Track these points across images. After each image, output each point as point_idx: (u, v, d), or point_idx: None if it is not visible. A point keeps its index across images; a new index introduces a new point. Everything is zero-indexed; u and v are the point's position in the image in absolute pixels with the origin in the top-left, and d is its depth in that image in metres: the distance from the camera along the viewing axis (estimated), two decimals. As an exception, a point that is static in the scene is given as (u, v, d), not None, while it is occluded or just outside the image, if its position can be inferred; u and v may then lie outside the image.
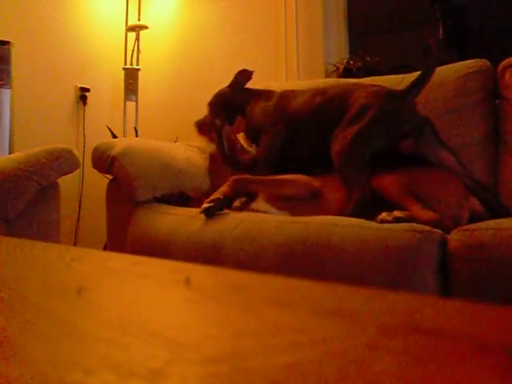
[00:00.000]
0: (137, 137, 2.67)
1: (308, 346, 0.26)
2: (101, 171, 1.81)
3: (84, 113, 2.75)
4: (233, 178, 1.45)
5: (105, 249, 2.16)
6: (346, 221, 1.23)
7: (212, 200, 1.39)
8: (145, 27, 2.72)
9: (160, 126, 2.81)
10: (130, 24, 2.76)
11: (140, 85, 2.74)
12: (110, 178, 1.79)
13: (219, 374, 0.23)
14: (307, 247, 1.20)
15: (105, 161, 1.72)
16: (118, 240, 1.70)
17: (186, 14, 2.81)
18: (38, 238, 1.58)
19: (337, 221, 1.24)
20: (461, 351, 0.24)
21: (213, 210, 1.38)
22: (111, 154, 1.70)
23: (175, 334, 0.29)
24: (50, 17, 2.65)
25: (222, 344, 0.27)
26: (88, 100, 2.76)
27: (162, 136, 2.49)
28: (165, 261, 0.52)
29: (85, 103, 2.75)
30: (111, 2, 2.87)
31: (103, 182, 1.85)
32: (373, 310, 0.32)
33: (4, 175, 1.57)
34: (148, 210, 1.63)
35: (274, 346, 0.26)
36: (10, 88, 2.22)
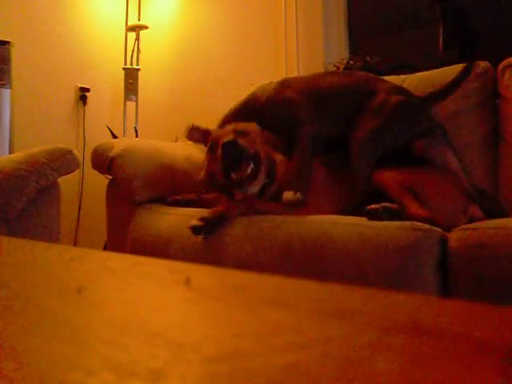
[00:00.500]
0: (137, 137, 2.67)
1: (308, 345, 0.26)
2: (100, 172, 1.80)
3: (84, 113, 2.75)
4: (250, 205, 1.36)
5: (105, 249, 2.16)
6: (346, 219, 1.23)
7: (203, 218, 1.33)
8: (145, 27, 2.72)
9: (160, 125, 2.81)
10: (129, 24, 2.76)
11: (140, 85, 2.74)
12: (110, 178, 1.79)
13: (219, 374, 0.23)
14: (307, 246, 1.20)
15: (104, 162, 1.72)
16: (118, 240, 1.70)
17: (186, 14, 2.81)
18: (38, 238, 1.58)
19: (337, 219, 1.24)
20: (461, 351, 0.24)
21: (200, 229, 1.33)
22: (110, 154, 1.70)
23: (175, 334, 0.29)
24: (50, 17, 2.65)
25: (221, 344, 0.27)
26: (88, 100, 2.76)
27: (162, 136, 2.49)
28: (165, 261, 0.52)
29: (85, 103, 2.75)
30: (111, 2, 2.87)
31: (103, 182, 1.85)
32: (373, 310, 0.32)
33: (4, 175, 1.57)
34: (148, 210, 1.63)
35: (274, 346, 0.26)
36: (10, 88, 2.22)
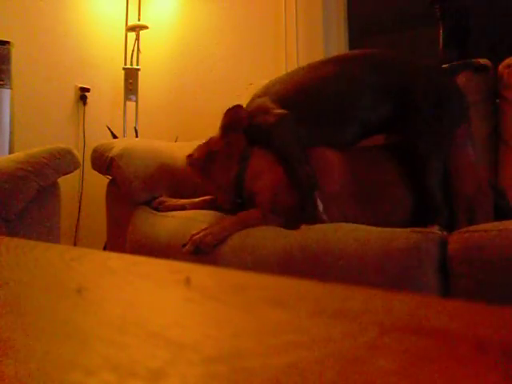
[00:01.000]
0: (137, 137, 2.67)
1: (308, 345, 0.26)
2: (100, 172, 1.80)
3: (84, 113, 2.75)
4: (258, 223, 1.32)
5: (105, 249, 2.16)
6: (344, 225, 1.23)
7: (195, 244, 1.30)
8: (145, 27, 2.72)
9: (160, 125, 2.81)
10: (129, 24, 2.76)
11: (140, 85, 2.74)
12: (110, 178, 1.79)
13: (219, 374, 0.23)
14: (306, 253, 1.19)
15: (104, 162, 1.72)
16: (118, 240, 1.70)
17: (186, 14, 2.81)
18: (38, 238, 1.58)
19: (336, 225, 1.24)
20: (461, 351, 0.24)
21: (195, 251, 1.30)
22: (109, 155, 1.70)
23: (175, 334, 0.29)
24: (50, 17, 2.65)
25: (221, 344, 0.27)
26: (88, 100, 2.76)
27: (162, 136, 2.49)
28: (165, 261, 0.52)
29: (85, 103, 2.75)
30: (111, 2, 2.87)
31: (103, 182, 1.85)
32: (373, 310, 0.32)
33: (4, 175, 1.57)
34: (147, 212, 1.62)
35: (274, 346, 0.26)
36: (10, 88, 2.22)
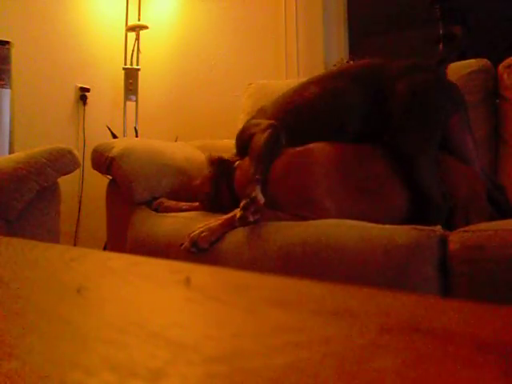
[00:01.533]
0: (137, 137, 2.67)
1: (308, 345, 0.26)
2: (100, 172, 1.80)
3: (84, 113, 2.75)
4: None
5: (105, 249, 2.16)
6: (346, 221, 1.23)
7: (194, 243, 1.32)
8: (145, 27, 2.72)
9: (160, 125, 2.81)
10: (129, 24, 2.76)
11: (140, 85, 2.74)
12: (110, 178, 1.79)
13: (219, 374, 0.23)
14: (307, 249, 1.19)
15: (104, 162, 1.72)
16: (118, 240, 1.70)
17: (186, 13, 2.81)
18: (38, 238, 1.58)
19: (337, 222, 1.23)
20: (461, 351, 0.24)
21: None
22: (109, 155, 1.70)
23: (175, 334, 0.29)
24: (49, 17, 2.65)
25: (221, 344, 0.27)
26: (88, 100, 2.76)
27: (162, 136, 2.49)
28: (165, 261, 0.52)
29: (85, 103, 2.75)
30: (111, 2, 2.87)
31: (103, 182, 1.85)
32: (373, 309, 0.32)
33: (4, 175, 1.57)
34: (148, 212, 1.62)
35: (274, 346, 0.26)
36: (10, 88, 2.22)
